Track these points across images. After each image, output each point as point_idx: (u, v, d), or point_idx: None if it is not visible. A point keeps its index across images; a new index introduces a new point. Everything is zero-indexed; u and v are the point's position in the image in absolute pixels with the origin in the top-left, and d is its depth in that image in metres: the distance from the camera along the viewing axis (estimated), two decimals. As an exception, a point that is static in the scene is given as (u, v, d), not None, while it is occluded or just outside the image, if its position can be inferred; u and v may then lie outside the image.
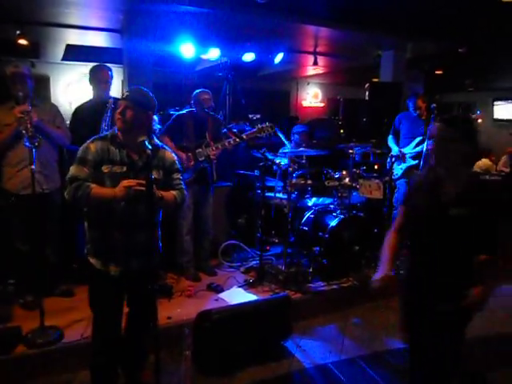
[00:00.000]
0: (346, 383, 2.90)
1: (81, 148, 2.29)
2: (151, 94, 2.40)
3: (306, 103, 11.34)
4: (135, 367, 2.64)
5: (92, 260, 2.34)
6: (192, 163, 3.94)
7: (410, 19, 5.29)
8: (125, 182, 2.18)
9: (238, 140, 4.02)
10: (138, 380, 2.61)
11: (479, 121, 4.68)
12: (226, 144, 4.01)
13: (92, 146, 2.26)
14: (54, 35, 6.05)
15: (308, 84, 11.17)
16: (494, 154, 8.82)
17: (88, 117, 3.55)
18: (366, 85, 6.46)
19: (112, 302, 2.44)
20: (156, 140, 2.46)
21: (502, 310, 4.15)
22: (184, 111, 4.20)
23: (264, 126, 4.02)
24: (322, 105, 11.52)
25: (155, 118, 2.57)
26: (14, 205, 3.31)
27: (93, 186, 2.20)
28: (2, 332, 2.92)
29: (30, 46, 5.70)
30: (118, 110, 2.29)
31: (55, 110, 3.52)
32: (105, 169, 2.24)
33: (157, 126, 3.33)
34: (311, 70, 9.11)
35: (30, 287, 3.38)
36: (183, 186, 2.47)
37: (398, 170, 4.88)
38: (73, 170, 2.24)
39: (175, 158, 2.48)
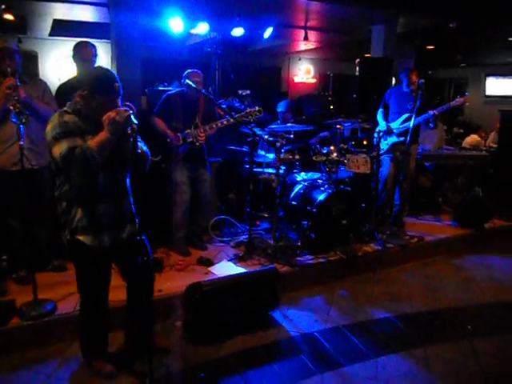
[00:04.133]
0: (331, 350, 3.01)
1: (56, 124, 2.25)
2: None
3: (297, 79, 11.28)
4: (146, 335, 2.64)
5: (81, 237, 2.35)
6: (180, 143, 3.98)
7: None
8: (105, 116, 2.18)
9: (225, 122, 4.04)
10: (150, 347, 2.56)
11: (466, 104, 4.69)
12: (214, 126, 4.03)
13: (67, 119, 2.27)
14: (40, 10, 5.95)
15: (300, 59, 11.08)
16: (484, 130, 8.88)
17: (72, 94, 3.54)
18: (357, 60, 6.44)
19: (103, 276, 2.52)
20: None
21: (484, 279, 4.30)
22: (174, 91, 4.18)
23: (252, 110, 4.03)
24: (313, 81, 11.46)
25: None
26: (5, 181, 3.33)
27: (87, 143, 2.20)
28: (-3, 305, 3.01)
29: (17, 21, 5.62)
30: None
31: (44, 86, 3.50)
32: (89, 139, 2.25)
33: None
34: (303, 46, 9.03)
35: (22, 262, 3.45)
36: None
37: (384, 144, 4.92)
38: (65, 143, 2.18)
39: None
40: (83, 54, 3.68)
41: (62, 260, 3.68)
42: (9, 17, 5.26)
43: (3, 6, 5.04)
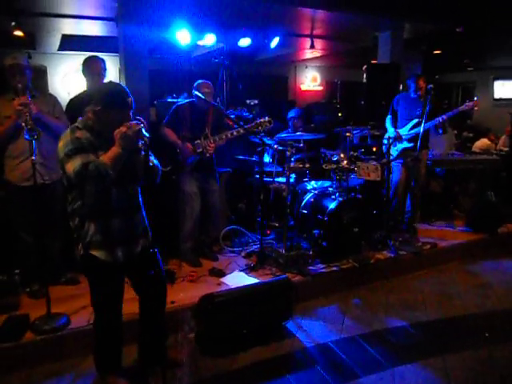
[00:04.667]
0: (347, 361, 2.97)
1: (68, 141, 2.24)
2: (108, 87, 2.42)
3: (304, 87, 11.27)
4: (159, 348, 2.66)
5: (95, 252, 2.34)
6: (190, 153, 3.99)
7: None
8: (117, 131, 2.19)
9: (235, 134, 4.04)
10: (164, 360, 2.61)
11: (475, 108, 4.65)
12: (224, 137, 4.04)
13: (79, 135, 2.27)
14: (49, 26, 6.03)
15: (306, 67, 11.10)
16: (494, 133, 8.80)
17: (82, 107, 3.57)
18: (364, 67, 6.44)
19: (117, 290, 2.51)
20: None
21: (500, 285, 4.23)
22: (183, 102, 4.21)
23: (262, 120, 4.02)
24: (320, 88, 11.45)
25: None
26: (17, 196, 3.36)
27: (100, 159, 2.21)
28: (11, 320, 3.02)
29: (26, 37, 5.68)
30: None
31: (54, 101, 3.54)
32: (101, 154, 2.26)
33: None
34: (309, 54, 9.05)
35: (35, 276, 3.45)
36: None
37: (394, 151, 4.90)
38: (79, 159, 2.17)
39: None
40: (92, 68, 3.72)
41: (74, 273, 3.68)
42: (18, 33, 5.32)
43: (13, 23, 5.11)
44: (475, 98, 4.87)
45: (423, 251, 4.61)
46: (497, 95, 10.96)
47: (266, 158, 4.84)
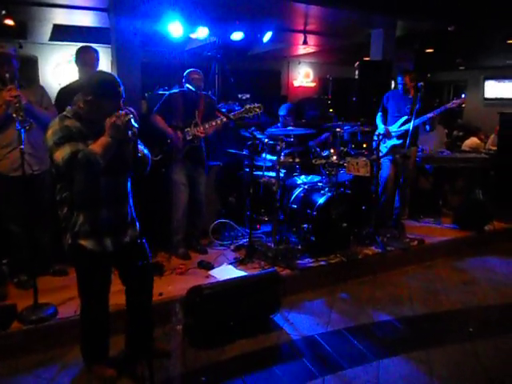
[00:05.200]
0: (332, 353, 3.00)
1: (57, 129, 2.24)
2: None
3: (297, 83, 11.28)
4: (146, 338, 2.66)
5: (83, 242, 2.35)
6: (180, 141, 3.99)
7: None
8: (107, 120, 2.20)
9: (225, 119, 4.05)
10: (151, 351, 2.57)
11: (463, 106, 4.71)
12: (213, 124, 4.05)
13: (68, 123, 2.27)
14: (40, 15, 5.96)
15: (299, 63, 11.10)
16: (484, 133, 8.88)
17: (73, 97, 3.56)
18: (356, 63, 6.46)
19: (104, 281, 2.52)
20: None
21: (485, 282, 4.29)
22: (176, 90, 4.22)
23: (252, 106, 4.05)
24: (313, 84, 11.47)
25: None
26: (5, 186, 3.34)
27: (89, 147, 2.21)
28: (-3, 309, 3.01)
29: (17, 27, 5.61)
30: None
31: (42, 91, 3.51)
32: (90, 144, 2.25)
33: None
34: (302, 49, 9.05)
35: (23, 267, 3.44)
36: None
37: (383, 147, 4.93)
38: (67, 148, 2.17)
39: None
40: (85, 59, 3.71)
41: (62, 264, 3.68)
42: (9, 22, 5.26)
43: (3, 12, 5.05)
44: (462, 96, 4.92)
45: (411, 247, 4.67)
46: (487, 95, 11.06)
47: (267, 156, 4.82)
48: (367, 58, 6.84)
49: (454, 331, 3.38)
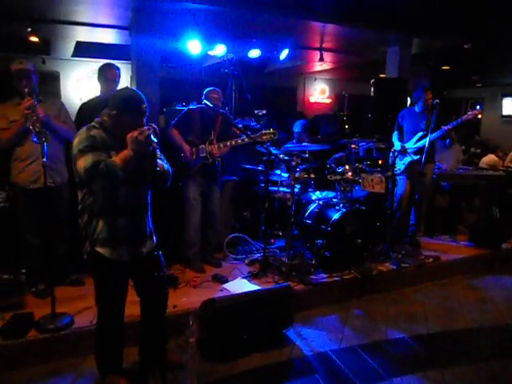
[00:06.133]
0: (345, 370, 2.98)
1: (83, 138, 2.32)
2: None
3: (313, 99, 11.37)
4: (160, 350, 2.66)
5: (101, 250, 2.40)
6: (194, 157, 4.06)
7: (415, 15, 5.32)
8: (129, 135, 2.27)
9: (239, 142, 4.11)
10: (164, 362, 2.55)
11: (479, 116, 4.69)
12: (228, 144, 4.11)
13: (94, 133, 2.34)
14: (64, 32, 6.17)
15: (315, 80, 11.20)
16: (502, 150, 8.80)
17: (94, 113, 3.64)
18: (372, 80, 6.50)
19: (120, 290, 2.56)
20: None
21: (501, 300, 4.22)
22: (195, 106, 4.32)
23: (267, 131, 4.09)
24: (329, 101, 11.54)
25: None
26: (24, 198, 3.42)
27: (111, 159, 2.28)
28: (16, 318, 3.07)
29: (41, 43, 5.81)
30: None
31: (60, 105, 3.62)
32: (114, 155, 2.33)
33: None
34: (318, 66, 9.13)
35: (41, 277, 3.51)
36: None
37: (400, 165, 4.93)
38: (90, 158, 2.24)
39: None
40: (108, 75, 3.82)
41: (79, 274, 3.74)
42: (34, 39, 5.45)
43: (29, 29, 5.24)
44: (477, 107, 4.91)
45: (426, 264, 4.63)
46: (505, 112, 10.97)
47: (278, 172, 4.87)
48: (383, 75, 6.88)
49: (469, 351, 3.33)
